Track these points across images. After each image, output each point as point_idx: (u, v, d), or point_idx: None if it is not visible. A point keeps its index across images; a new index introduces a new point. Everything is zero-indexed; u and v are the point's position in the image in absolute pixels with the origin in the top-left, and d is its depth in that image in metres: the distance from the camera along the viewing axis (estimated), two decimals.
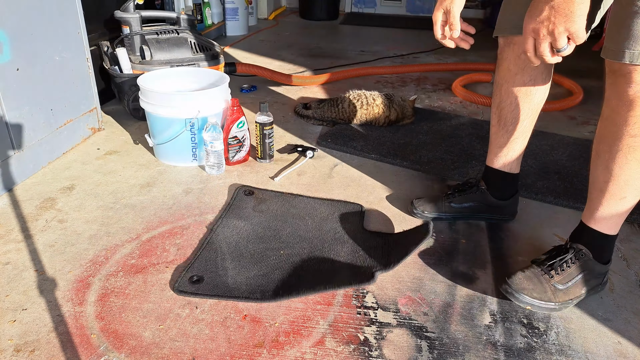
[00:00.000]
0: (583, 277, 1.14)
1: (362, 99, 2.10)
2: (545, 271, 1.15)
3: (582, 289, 1.15)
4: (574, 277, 1.14)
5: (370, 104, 2.09)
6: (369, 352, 1.01)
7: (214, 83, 1.84)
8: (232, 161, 1.76)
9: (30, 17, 1.59)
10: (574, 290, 1.14)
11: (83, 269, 1.21)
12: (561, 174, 1.74)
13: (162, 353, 0.98)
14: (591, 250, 1.15)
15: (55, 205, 1.48)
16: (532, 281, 1.14)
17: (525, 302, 1.13)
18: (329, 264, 1.25)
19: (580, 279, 1.14)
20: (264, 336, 1.03)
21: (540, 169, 1.78)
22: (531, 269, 1.17)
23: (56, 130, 1.75)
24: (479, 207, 1.45)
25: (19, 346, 0.99)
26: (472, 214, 1.47)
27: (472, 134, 2.07)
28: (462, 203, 1.46)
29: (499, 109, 1.34)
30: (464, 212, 1.46)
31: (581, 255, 1.15)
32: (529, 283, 1.14)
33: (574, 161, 1.85)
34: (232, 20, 3.96)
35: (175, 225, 1.41)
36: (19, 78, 1.55)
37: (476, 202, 1.45)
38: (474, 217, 1.47)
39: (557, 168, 1.79)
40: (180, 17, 2.21)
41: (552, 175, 1.74)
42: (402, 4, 5.29)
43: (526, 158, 1.84)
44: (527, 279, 1.15)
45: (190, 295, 1.13)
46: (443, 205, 1.46)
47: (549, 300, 1.13)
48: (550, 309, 1.14)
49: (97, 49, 2.20)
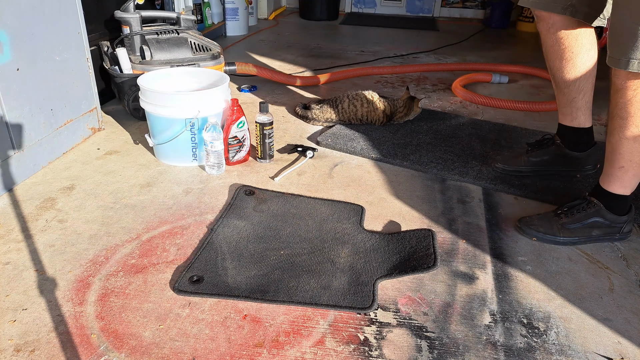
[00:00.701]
0: (594, 222, 1.35)
1: (362, 97, 2.10)
2: (555, 214, 1.40)
3: (591, 232, 1.36)
4: (582, 220, 1.36)
5: (370, 102, 2.09)
6: (369, 352, 1.01)
7: (214, 83, 1.84)
8: (232, 161, 1.76)
9: (31, 17, 1.59)
10: (581, 231, 1.36)
11: (83, 269, 1.21)
12: (561, 174, 1.74)
13: (162, 353, 0.98)
14: (603, 204, 1.35)
15: (55, 205, 1.48)
16: (541, 220, 1.39)
17: (531, 235, 1.38)
18: (329, 265, 1.25)
19: (590, 223, 1.36)
20: (264, 336, 1.04)
21: None
22: (544, 213, 1.41)
23: (56, 130, 1.75)
24: (556, 159, 1.65)
25: (19, 346, 0.99)
26: (549, 167, 1.65)
27: (472, 134, 2.07)
28: (540, 157, 1.66)
29: (551, 74, 1.55)
30: (542, 165, 1.66)
31: (592, 205, 1.36)
32: (539, 221, 1.39)
33: None
34: (232, 20, 3.96)
35: (175, 225, 1.41)
36: (19, 78, 1.55)
37: (553, 154, 1.64)
38: (553, 169, 1.65)
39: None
40: (180, 17, 2.21)
41: (552, 175, 1.74)
42: (402, 4, 5.29)
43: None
44: (538, 219, 1.40)
45: (191, 295, 1.13)
46: (522, 160, 1.67)
47: (553, 234, 1.36)
48: (553, 240, 1.37)
49: (97, 49, 2.20)
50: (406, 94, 2.16)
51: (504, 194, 1.64)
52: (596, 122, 2.32)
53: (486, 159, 1.85)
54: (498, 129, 2.14)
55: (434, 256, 1.25)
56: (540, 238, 1.38)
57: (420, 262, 1.24)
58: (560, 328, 1.09)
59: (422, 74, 3.03)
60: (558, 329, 1.09)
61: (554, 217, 1.39)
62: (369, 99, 2.10)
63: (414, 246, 1.31)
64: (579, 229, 1.36)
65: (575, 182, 1.69)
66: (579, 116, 1.57)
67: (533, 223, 1.39)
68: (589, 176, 1.72)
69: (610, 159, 1.32)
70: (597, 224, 1.36)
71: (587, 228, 1.36)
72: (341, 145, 1.92)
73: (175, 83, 1.87)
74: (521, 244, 1.38)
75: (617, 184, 1.33)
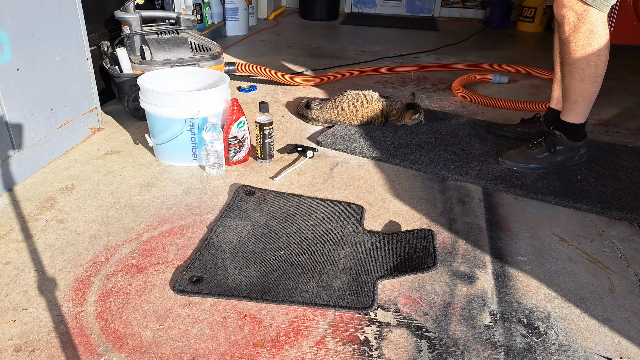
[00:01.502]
0: (558, 150, 1.74)
1: (362, 98, 2.10)
2: (528, 147, 1.78)
3: (556, 158, 1.75)
4: (549, 149, 1.74)
5: (370, 102, 2.09)
6: (369, 352, 1.01)
7: (214, 83, 1.84)
8: (232, 161, 1.76)
9: (31, 17, 1.59)
10: (550, 158, 1.75)
11: (83, 269, 1.21)
12: (561, 174, 1.74)
13: (162, 353, 0.98)
14: (564, 134, 1.73)
15: (55, 205, 1.48)
16: (518, 153, 1.77)
17: (512, 165, 1.75)
18: (329, 265, 1.25)
19: (555, 151, 1.74)
20: (264, 336, 1.04)
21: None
22: (520, 148, 1.78)
23: (56, 130, 1.75)
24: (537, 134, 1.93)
25: (19, 346, 0.99)
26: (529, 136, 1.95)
27: (472, 134, 2.07)
28: (526, 129, 2.00)
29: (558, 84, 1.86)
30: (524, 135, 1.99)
31: (556, 136, 1.75)
32: (516, 154, 1.77)
33: None
34: (232, 20, 3.96)
35: (175, 225, 1.41)
36: (19, 78, 1.55)
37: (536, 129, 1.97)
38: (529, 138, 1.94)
39: (557, 168, 1.79)
40: (180, 17, 2.21)
41: (552, 175, 1.74)
42: (402, 4, 5.29)
43: None
44: (515, 153, 1.77)
45: (191, 295, 1.13)
46: (510, 128, 2.04)
47: (528, 162, 1.75)
48: (528, 168, 1.75)
49: (97, 49, 2.20)
50: (408, 99, 2.14)
51: (504, 194, 1.64)
52: (596, 121, 2.33)
53: (486, 159, 1.85)
54: None
55: (434, 256, 1.25)
56: (519, 167, 1.75)
57: (420, 262, 1.24)
58: (560, 328, 1.09)
59: (422, 74, 3.03)
60: (558, 329, 1.09)
61: (527, 150, 1.76)
62: (369, 99, 2.10)
63: (414, 246, 1.31)
64: (546, 157, 1.74)
65: (575, 183, 1.69)
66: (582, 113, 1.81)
67: (512, 156, 1.77)
68: (589, 176, 1.73)
69: (566, 97, 1.68)
70: (561, 151, 1.74)
71: (553, 155, 1.74)
72: (341, 145, 1.92)
73: (175, 83, 1.87)
74: (521, 244, 1.38)
75: (574, 115, 1.69)
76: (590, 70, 1.57)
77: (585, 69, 1.57)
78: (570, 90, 1.64)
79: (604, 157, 1.90)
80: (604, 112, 2.46)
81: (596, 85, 1.61)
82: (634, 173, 1.78)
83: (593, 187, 1.66)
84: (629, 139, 2.14)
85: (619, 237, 1.43)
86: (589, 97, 1.64)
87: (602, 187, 1.67)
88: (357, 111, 2.08)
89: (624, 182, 1.71)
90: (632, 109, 2.53)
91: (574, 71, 1.59)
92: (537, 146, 1.76)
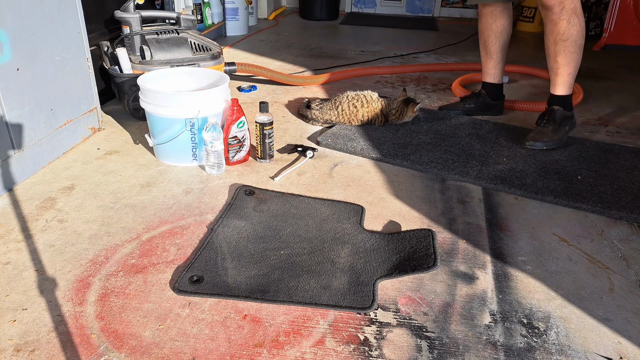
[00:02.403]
0: (563, 123, 1.96)
1: (361, 98, 2.10)
2: (540, 126, 1.98)
3: (565, 129, 1.97)
4: (558, 124, 1.96)
5: (370, 102, 2.09)
6: (369, 352, 1.01)
7: (214, 83, 1.84)
8: (232, 161, 1.76)
9: (31, 17, 1.59)
10: (561, 131, 1.96)
11: (83, 269, 1.21)
12: (561, 174, 1.74)
13: (162, 353, 0.98)
14: (562, 106, 1.97)
15: (55, 205, 1.48)
16: (539, 134, 1.95)
17: (542, 145, 1.93)
18: (329, 265, 1.25)
19: (562, 125, 1.96)
20: (264, 336, 1.04)
21: (540, 169, 1.78)
22: (535, 128, 1.99)
23: (56, 130, 1.75)
24: (481, 106, 2.30)
25: (19, 346, 0.99)
26: (477, 111, 2.30)
27: (472, 134, 2.07)
28: (472, 104, 2.30)
29: (485, 45, 2.19)
30: (472, 110, 2.30)
31: (557, 111, 1.97)
32: (539, 135, 1.95)
33: (573, 161, 1.85)
34: (232, 20, 3.96)
35: (175, 225, 1.41)
36: (19, 78, 1.55)
37: (480, 102, 2.30)
38: (479, 113, 2.30)
39: (557, 168, 1.79)
40: (180, 17, 2.21)
41: (552, 175, 1.74)
42: (402, 4, 5.29)
43: (526, 158, 1.86)
44: (537, 134, 1.95)
45: (191, 295, 1.13)
46: (459, 106, 2.32)
47: (551, 139, 1.94)
48: (555, 143, 1.94)
49: (97, 49, 2.20)
50: (402, 96, 2.14)
51: (504, 193, 1.64)
52: (596, 122, 2.33)
53: (486, 158, 1.85)
54: (498, 129, 2.14)
55: (434, 256, 1.25)
56: (548, 146, 1.93)
57: (420, 262, 1.24)
58: (560, 328, 1.09)
59: (422, 74, 3.03)
60: (558, 329, 1.09)
61: (543, 129, 1.96)
62: (369, 99, 2.10)
63: (414, 246, 1.31)
64: (559, 131, 1.95)
65: (575, 183, 1.69)
66: (498, 74, 2.23)
67: (537, 138, 1.94)
68: (589, 176, 1.73)
69: (560, 72, 1.92)
70: (565, 123, 1.97)
71: (562, 128, 1.96)
72: (341, 145, 1.92)
73: (175, 83, 1.87)
74: (521, 244, 1.38)
75: (566, 87, 1.95)
76: (581, 41, 1.86)
77: (577, 40, 1.85)
78: (566, 64, 1.89)
79: (604, 157, 1.90)
80: (604, 112, 2.46)
81: (581, 54, 1.91)
82: (634, 173, 1.78)
83: (593, 187, 1.66)
84: (629, 139, 2.14)
85: (619, 237, 1.43)
86: (578, 66, 1.93)
87: (602, 187, 1.67)
88: (357, 111, 2.08)
89: (624, 182, 1.71)
90: (632, 109, 2.53)
91: (568, 45, 1.85)
92: (548, 123, 1.96)
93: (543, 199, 1.60)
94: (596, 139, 2.11)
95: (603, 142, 2.06)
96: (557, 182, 1.69)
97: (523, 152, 1.92)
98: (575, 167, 1.80)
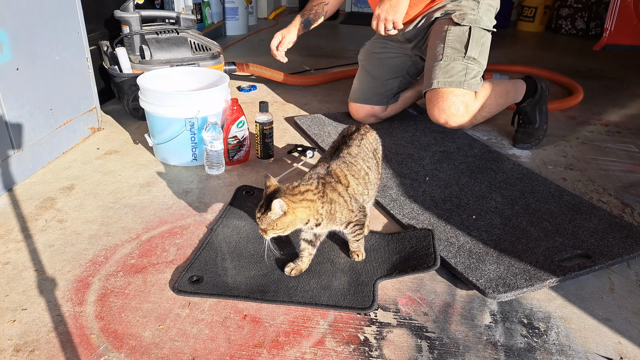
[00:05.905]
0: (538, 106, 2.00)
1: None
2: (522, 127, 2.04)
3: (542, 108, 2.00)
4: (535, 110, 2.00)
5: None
6: (369, 352, 1.01)
7: (213, 83, 1.84)
8: (232, 161, 1.76)
9: (30, 17, 1.59)
10: (541, 115, 2.01)
11: (83, 269, 1.21)
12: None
13: (162, 353, 0.98)
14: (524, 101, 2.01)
15: (55, 205, 1.48)
16: (524, 135, 2.00)
17: (530, 147, 1.96)
18: (329, 265, 1.24)
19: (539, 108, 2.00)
20: (264, 336, 1.03)
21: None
22: (518, 130, 2.04)
23: (56, 130, 1.75)
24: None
25: (18, 346, 0.99)
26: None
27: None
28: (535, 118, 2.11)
29: None
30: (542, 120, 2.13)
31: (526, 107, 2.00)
32: (524, 137, 2.00)
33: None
34: (232, 20, 3.96)
35: (175, 225, 1.40)
36: (19, 78, 1.55)
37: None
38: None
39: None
40: (180, 17, 2.21)
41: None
42: None
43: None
44: (522, 136, 2.00)
45: (190, 295, 1.13)
46: None
47: (537, 137, 1.99)
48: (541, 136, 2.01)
49: (97, 49, 2.20)
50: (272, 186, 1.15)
51: None
52: (597, 122, 2.32)
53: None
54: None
55: (434, 256, 1.25)
56: (535, 144, 1.98)
57: (421, 262, 1.24)
58: (560, 328, 1.09)
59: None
60: (558, 329, 1.09)
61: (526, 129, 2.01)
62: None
63: (414, 246, 1.31)
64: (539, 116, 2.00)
65: None
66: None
67: (523, 140, 1.98)
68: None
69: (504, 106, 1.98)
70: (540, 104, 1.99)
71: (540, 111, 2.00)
72: None
73: (175, 83, 1.87)
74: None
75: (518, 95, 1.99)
76: (502, 101, 1.90)
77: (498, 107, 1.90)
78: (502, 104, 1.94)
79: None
80: (604, 112, 2.45)
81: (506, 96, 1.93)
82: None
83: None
84: (629, 139, 2.14)
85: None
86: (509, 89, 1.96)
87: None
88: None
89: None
90: (632, 109, 2.53)
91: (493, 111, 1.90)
92: (527, 121, 2.02)
93: None
94: (597, 143, 2.10)
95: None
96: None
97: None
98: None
